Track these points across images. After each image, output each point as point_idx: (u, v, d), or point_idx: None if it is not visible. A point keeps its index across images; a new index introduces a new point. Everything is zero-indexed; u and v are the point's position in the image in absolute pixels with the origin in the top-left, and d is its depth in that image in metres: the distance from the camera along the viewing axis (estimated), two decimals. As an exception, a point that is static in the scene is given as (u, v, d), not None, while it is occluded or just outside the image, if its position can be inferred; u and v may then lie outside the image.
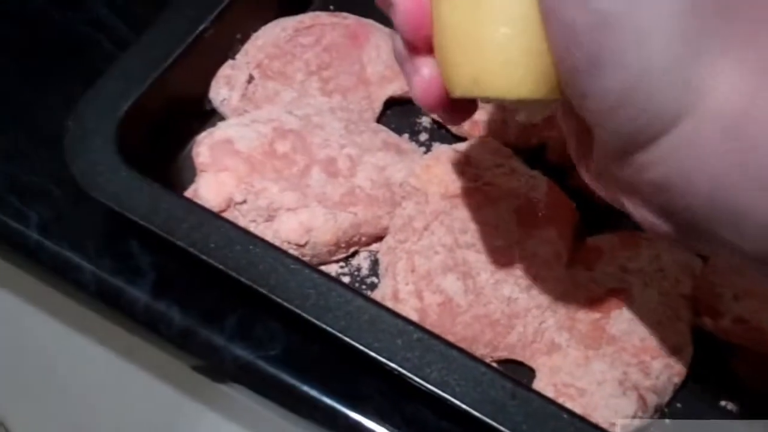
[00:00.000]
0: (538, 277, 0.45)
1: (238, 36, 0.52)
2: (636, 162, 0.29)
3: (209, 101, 0.51)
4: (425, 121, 0.52)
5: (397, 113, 0.53)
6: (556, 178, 0.48)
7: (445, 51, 0.33)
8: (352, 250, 0.48)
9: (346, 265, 0.48)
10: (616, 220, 0.46)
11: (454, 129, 0.51)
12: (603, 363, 0.43)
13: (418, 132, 0.52)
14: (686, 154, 0.28)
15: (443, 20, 0.32)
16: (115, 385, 0.62)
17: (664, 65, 0.27)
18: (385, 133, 0.50)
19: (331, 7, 0.56)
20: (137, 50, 0.48)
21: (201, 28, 0.49)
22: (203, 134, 0.48)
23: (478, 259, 0.45)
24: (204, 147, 0.47)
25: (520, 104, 0.43)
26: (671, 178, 0.28)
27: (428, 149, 0.51)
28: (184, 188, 0.48)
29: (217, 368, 0.46)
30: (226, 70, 0.51)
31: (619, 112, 0.28)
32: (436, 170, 0.47)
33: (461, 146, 0.48)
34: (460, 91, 0.33)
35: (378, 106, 0.52)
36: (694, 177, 0.28)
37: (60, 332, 0.60)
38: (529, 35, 0.30)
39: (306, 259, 0.46)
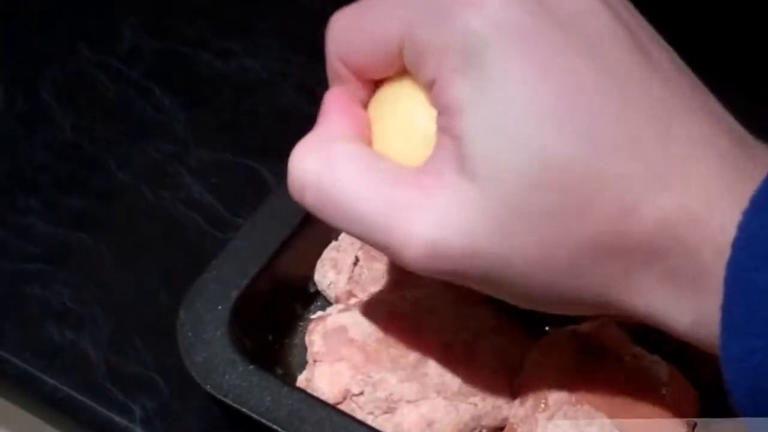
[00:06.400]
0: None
1: (342, 216, 0.51)
2: None
3: (314, 284, 0.50)
4: (532, 299, 0.51)
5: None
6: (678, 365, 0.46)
7: None
8: (471, 442, 0.46)
9: (465, 457, 0.46)
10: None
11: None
12: None
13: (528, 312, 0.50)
14: None
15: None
16: None
17: None
18: (497, 316, 0.48)
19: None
20: (244, 236, 0.47)
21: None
22: (314, 321, 0.46)
23: (607, 454, 0.43)
24: (317, 336, 0.45)
25: None
26: None
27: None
28: (294, 376, 0.46)
29: None
30: (331, 252, 0.49)
31: None
32: (555, 356, 0.45)
33: (579, 330, 0.47)
34: None
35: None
36: None
37: None
38: None
39: (425, 452, 0.44)
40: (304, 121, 0.58)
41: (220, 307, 0.45)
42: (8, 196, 0.55)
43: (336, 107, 0.36)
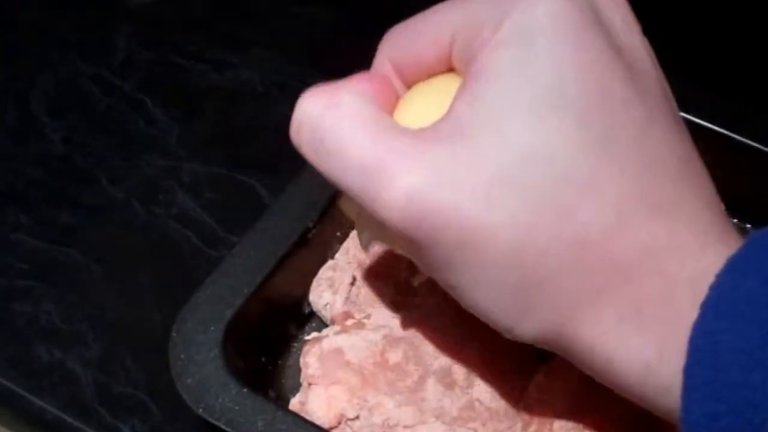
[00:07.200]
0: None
1: (338, 234, 0.49)
2: None
3: (309, 304, 0.48)
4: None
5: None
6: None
7: None
8: (470, 467, 0.44)
9: (463, 484, 0.44)
10: None
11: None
12: None
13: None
14: None
15: None
16: None
17: None
18: (501, 337, 0.47)
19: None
20: (238, 254, 0.46)
21: (305, 227, 0.47)
22: (309, 343, 0.45)
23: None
24: (313, 358, 0.44)
25: None
26: None
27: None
28: (287, 398, 0.45)
29: None
30: (327, 272, 0.48)
31: None
32: (561, 380, 0.44)
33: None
34: None
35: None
36: None
37: None
38: None
39: (423, 479, 0.43)
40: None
41: (212, 328, 0.43)
42: (-3, 210, 0.54)
43: (366, 75, 0.36)
